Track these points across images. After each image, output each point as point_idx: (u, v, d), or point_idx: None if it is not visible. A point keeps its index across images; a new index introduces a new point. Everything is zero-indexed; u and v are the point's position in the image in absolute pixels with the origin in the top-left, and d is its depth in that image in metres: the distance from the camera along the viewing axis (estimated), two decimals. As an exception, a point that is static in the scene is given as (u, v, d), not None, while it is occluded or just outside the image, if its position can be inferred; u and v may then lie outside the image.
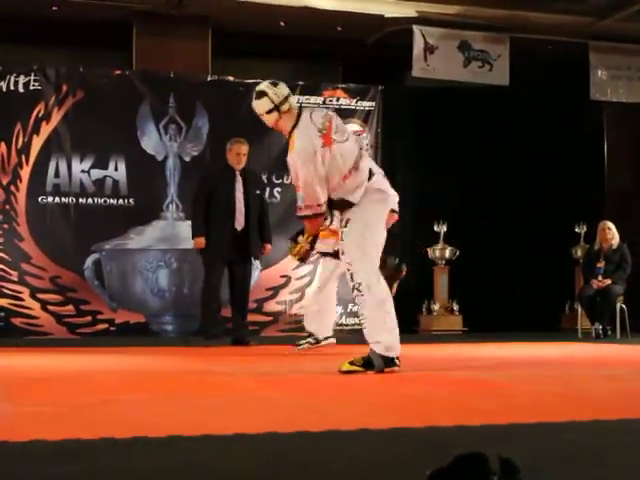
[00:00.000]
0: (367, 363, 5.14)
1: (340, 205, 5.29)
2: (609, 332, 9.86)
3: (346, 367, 5.14)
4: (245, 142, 8.95)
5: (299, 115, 5.37)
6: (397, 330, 5.20)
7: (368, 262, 5.15)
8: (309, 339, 7.47)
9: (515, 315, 11.21)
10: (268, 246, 8.74)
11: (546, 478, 2.08)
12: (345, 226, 5.24)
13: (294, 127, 5.32)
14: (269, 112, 5.49)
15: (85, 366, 6.03)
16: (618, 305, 9.86)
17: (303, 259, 5.79)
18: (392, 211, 5.51)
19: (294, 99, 5.55)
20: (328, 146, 5.15)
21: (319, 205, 5.24)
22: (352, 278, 5.17)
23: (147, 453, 2.42)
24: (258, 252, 8.67)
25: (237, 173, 8.55)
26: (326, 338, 7.52)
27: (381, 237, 5.28)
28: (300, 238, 5.63)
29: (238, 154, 8.56)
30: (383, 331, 5.16)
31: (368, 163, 5.38)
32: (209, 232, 8.40)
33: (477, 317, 11.14)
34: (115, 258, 9.83)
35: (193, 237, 8.57)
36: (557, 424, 3.00)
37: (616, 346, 8.59)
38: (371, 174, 5.27)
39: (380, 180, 5.34)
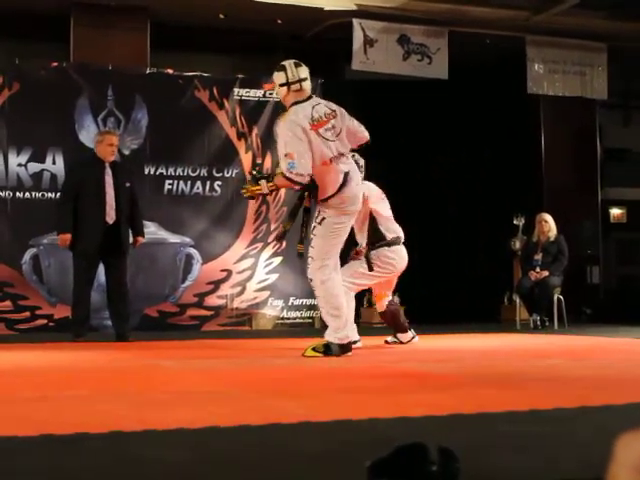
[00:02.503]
0: (327, 349, 5.89)
1: (314, 192, 5.86)
2: (547, 323, 10.00)
3: (309, 353, 5.89)
4: (116, 133, 8.81)
5: (307, 99, 5.88)
6: (347, 319, 6.03)
7: (321, 261, 5.90)
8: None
9: (455, 307, 11.32)
10: (140, 239, 8.37)
11: (484, 467, 2.11)
12: (319, 223, 5.87)
13: (295, 104, 5.83)
14: (281, 85, 5.89)
15: (23, 362, 5.96)
16: (555, 296, 10.00)
17: (252, 197, 6.33)
18: None
19: (309, 84, 5.93)
20: (313, 130, 5.71)
21: (308, 175, 5.70)
22: (308, 273, 6.00)
23: (86, 449, 2.41)
24: (129, 246, 8.30)
25: (107, 165, 8.17)
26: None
27: (339, 241, 6.02)
28: (263, 182, 5.98)
29: (111, 144, 8.21)
30: (333, 321, 5.97)
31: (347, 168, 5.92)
32: (79, 227, 8.05)
33: (416, 309, 11.22)
34: (53, 253, 9.71)
35: (58, 233, 8.19)
36: (495, 414, 3.04)
37: (554, 336, 8.71)
38: (346, 180, 5.83)
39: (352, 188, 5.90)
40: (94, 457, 2.30)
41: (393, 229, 7.45)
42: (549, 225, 10.32)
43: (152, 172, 10.32)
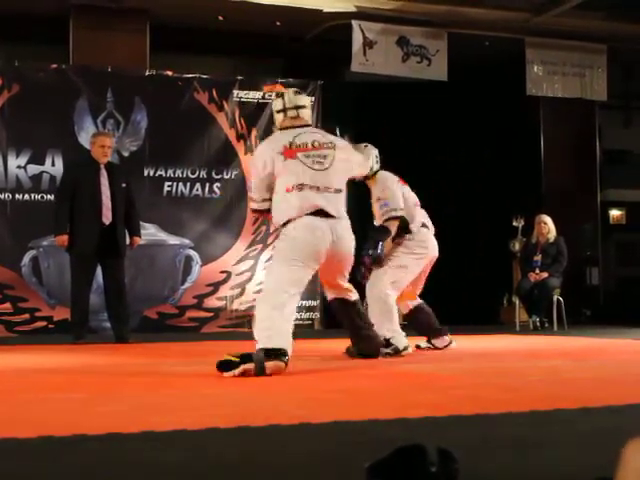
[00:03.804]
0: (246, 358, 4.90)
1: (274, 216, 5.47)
2: (546, 324, 10.01)
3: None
4: (110, 135, 8.82)
5: (301, 127, 5.53)
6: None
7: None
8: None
9: (454, 308, 11.31)
10: (137, 239, 8.36)
11: (483, 469, 2.11)
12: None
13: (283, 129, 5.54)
14: (278, 112, 5.64)
15: (23, 364, 5.96)
16: (555, 297, 10.00)
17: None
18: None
19: (307, 113, 5.67)
20: (285, 156, 5.31)
21: (263, 201, 5.44)
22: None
23: (86, 451, 2.41)
24: (125, 247, 8.28)
25: (102, 167, 8.19)
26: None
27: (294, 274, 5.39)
28: None
29: (103, 146, 8.19)
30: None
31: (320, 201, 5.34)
32: (76, 228, 8.05)
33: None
34: (53, 255, 9.71)
35: (55, 235, 8.20)
36: (494, 415, 3.04)
37: (553, 338, 8.71)
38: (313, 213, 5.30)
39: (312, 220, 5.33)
40: (93, 459, 2.30)
41: (417, 214, 7.00)
42: (548, 227, 10.33)
43: (151, 174, 10.33)
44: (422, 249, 6.94)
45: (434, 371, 5.14)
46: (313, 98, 11.09)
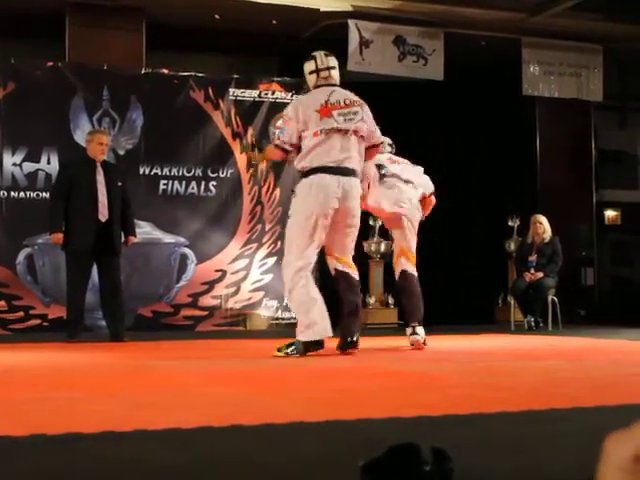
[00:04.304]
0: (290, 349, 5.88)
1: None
2: (541, 324, 10.02)
3: (275, 353, 5.90)
4: (106, 133, 8.81)
5: (331, 85, 6.16)
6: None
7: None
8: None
9: (449, 307, 11.33)
10: (132, 238, 8.37)
11: (477, 468, 2.11)
12: (289, 217, 6.03)
13: (317, 87, 6.18)
14: (310, 73, 6.27)
15: (17, 362, 5.95)
16: (550, 298, 10.02)
17: (251, 164, 7.10)
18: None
19: (336, 74, 6.27)
20: (321, 114, 5.93)
21: (291, 145, 6.00)
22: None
23: (80, 450, 2.41)
24: (121, 245, 8.28)
25: (98, 165, 8.17)
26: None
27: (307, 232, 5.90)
28: (256, 151, 6.75)
29: (101, 143, 8.20)
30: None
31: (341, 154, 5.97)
32: (71, 226, 8.06)
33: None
34: (48, 253, 9.70)
35: (51, 233, 8.19)
36: (489, 415, 3.05)
37: (548, 338, 8.72)
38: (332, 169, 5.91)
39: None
40: (88, 458, 2.30)
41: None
42: (544, 227, 10.34)
43: (147, 172, 10.33)
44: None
45: (428, 370, 5.15)
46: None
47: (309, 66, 6.28)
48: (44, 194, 9.77)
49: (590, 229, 12.93)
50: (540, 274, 10.05)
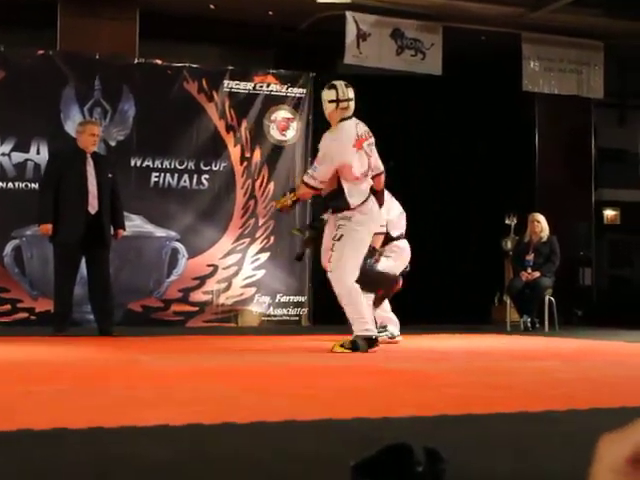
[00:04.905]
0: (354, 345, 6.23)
1: (335, 203, 6.44)
2: (537, 325, 10.03)
3: (337, 349, 6.24)
4: (97, 123, 8.79)
5: (350, 117, 6.56)
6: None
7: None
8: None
9: (444, 306, 11.33)
10: (121, 231, 8.34)
11: (470, 469, 2.11)
12: (338, 239, 6.35)
13: (343, 120, 6.51)
14: (330, 102, 6.55)
15: (3, 356, 5.94)
16: (547, 298, 10.03)
17: (281, 210, 7.09)
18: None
19: (353, 105, 6.59)
20: (357, 148, 6.40)
21: (322, 182, 6.41)
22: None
23: (66, 445, 2.41)
24: (111, 237, 8.24)
25: (88, 156, 8.15)
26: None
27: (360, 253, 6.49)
28: (288, 194, 6.90)
29: (93, 134, 8.19)
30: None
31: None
32: (60, 217, 8.00)
33: (407, 309, 11.22)
34: (36, 244, 9.68)
35: (39, 224, 8.16)
36: (483, 415, 3.05)
37: (544, 339, 8.73)
38: (368, 198, 6.45)
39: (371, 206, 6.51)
40: (73, 453, 2.30)
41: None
42: (541, 225, 10.35)
43: (138, 164, 10.30)
44: None
45: (423, 369, 5.15)
46: (305, 90, 11.09)
47: (329, 95, 6.58)
48: (33, 185, 9.73)
49: (589, 228, 12.93)
50: (537, 274, 10.06)
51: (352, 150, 6.36)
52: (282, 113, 10.95)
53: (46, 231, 8.08)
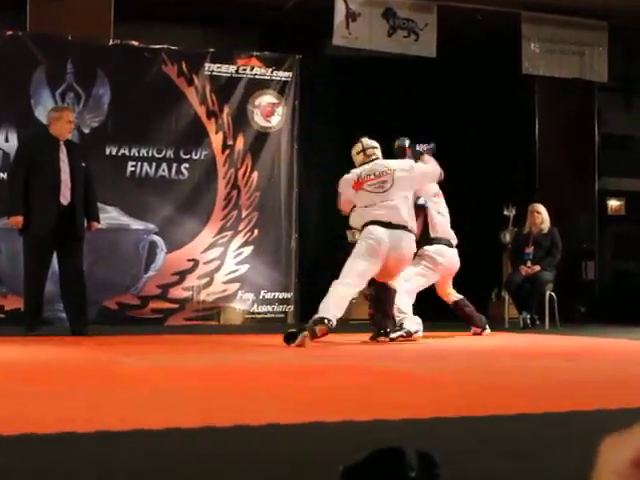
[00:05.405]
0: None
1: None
2: (537, 322, 10.03)
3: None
4: (72, 109, 8.76)
5: (371, 161, 8.03)
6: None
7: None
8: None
9: (440, 302, 11.33)
10: (95, 224, 8.30)
11: (465, 474, 2.11)
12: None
13: (362, 164, 8.06)
14: (357, 153, 8.15)
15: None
16: (547, 293, 10.04)
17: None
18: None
19: (378, 152, 8.19)
20: (355, 190, 7.89)
21: (341, 206, 8.17)
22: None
23: (36, 450, 2.40)
24: (84, 229, 8.18)
25: (61, 143, 8.10)
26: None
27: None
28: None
29: (69, 121, 8.18)
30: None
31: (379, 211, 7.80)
32: (31, 208, 7.93)
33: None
34: (5, 238, 9.63)
35: (9, 215, 8.11)
36: (479, 418, 3.05)
37: (544, 336, 8.76)
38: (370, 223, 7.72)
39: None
40: (45, 459, 2.29)
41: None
42: (542, 216, 10.35)
43: (114, 152, 10.27)
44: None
45: (417, 369, 5.15)
46: (291, 74, 11.08)
47: (356, 148, 8.18)
48: (1, 174, 9.70)
49: (591, 219, 12.96)
50: (537, 267, 10.07)
51: (351, 191, 7.92)
52: (266, 98, 10.94)
53: (16, 223, 8.03)
